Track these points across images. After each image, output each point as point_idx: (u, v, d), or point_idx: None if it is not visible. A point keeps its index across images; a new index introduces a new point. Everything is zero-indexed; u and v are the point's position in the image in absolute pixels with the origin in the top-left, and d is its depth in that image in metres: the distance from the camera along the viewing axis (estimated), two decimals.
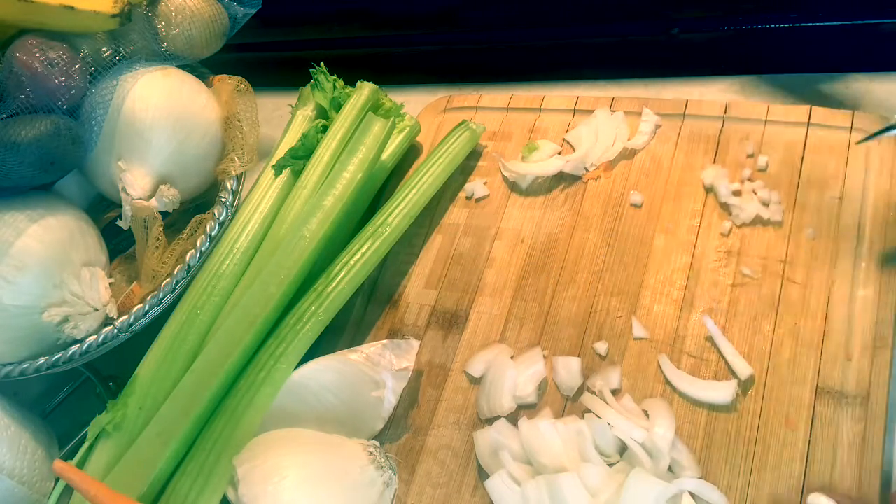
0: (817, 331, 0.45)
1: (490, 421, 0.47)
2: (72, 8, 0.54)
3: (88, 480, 0.41)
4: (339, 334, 0.55)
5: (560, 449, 0.43)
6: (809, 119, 0.52)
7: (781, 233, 0.49)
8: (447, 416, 0.49)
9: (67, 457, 0.56)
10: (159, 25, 0.60)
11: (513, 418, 0.47)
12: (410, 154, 0.63)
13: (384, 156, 0.60)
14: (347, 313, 0.56)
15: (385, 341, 0.51)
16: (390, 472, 0.44)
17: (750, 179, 0.51)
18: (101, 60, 0.58)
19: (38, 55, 0.53)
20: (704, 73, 0.60)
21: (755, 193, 0.50)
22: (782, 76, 0.57)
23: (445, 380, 0.51)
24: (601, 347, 0.48)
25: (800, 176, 0.50)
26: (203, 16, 0.61)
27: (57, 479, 0.53)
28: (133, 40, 0.60)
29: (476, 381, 0.50)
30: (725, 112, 0.54)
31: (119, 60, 0.58)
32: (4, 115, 0.52)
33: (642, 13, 0.64)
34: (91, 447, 0.51)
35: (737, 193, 0.50)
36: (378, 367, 0.49)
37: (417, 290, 0.56)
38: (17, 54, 0.53)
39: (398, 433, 0.50)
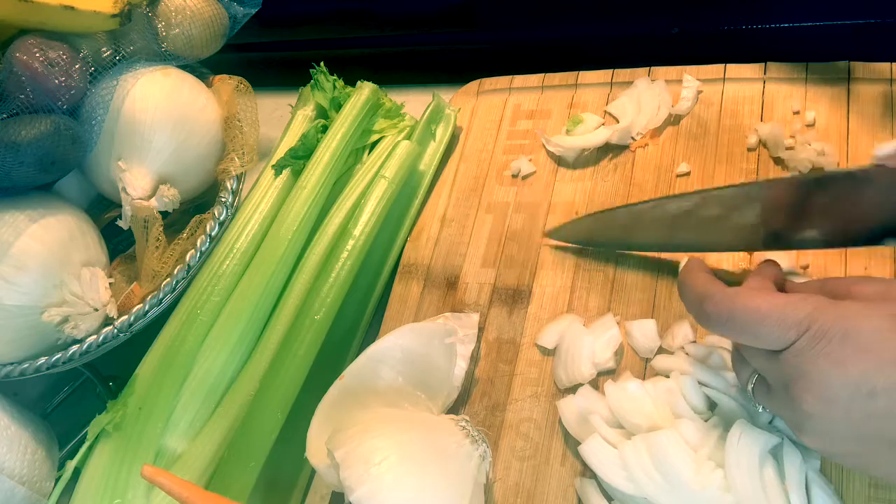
0: (888, 275, 0.45)
1: (571, 390, 0.47)
2: (72, 8, 0.54)
3: (179, 483, 0.40)
4: (397, 319, 0.56)
5: (651, 408, 0.43)
6: (850, 73, 0.52)
7: None
8: (524, 390, 0.49)
9: (67, 457, 0.56)
10: (159, 25, 0.60)
11: (593, 385, 0.47)
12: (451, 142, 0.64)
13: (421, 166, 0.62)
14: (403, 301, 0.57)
15: (447, 314, 0.52)
16: (484, 445, 0.44)
17: (800, 133, 0.51)
18: (101, 60, 0.58)
19: (38, 55, 0.53)
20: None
21: (809, 144, 0.50)
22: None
23: (517, 354, 0.51)
24: (676, 308, 0.48)
25: (848, 127, 0.51)
26: (203, 16, 0.61)
27: (57, 479, 0.53)
28: (133, 40, 0.60)
29: (549, 353, 0.50)
30: (765, 73, 0.55)
31: (119, 60, 0.58)
32: (4, 115, 0.52)
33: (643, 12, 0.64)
34: (91, 447, 0.51)
35: (790, 148, 0.51)
36: (444, 335, 0.50)
37: (475, 269, 0.56)
38: (17, 54, 0.53)
39: (475, 411, 0.50)
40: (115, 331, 0.54)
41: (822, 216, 0.42)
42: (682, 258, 0.49)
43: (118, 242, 0.61)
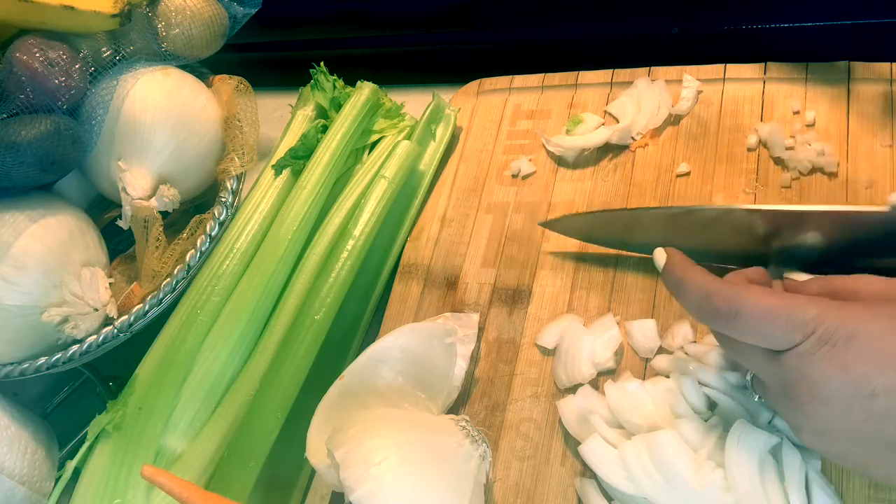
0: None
1: (571, 390, 0.47)
2: (72, 8, 0.54)
3: (179, 483, 0.40)
4: (397, 319, 0.56)
5: (651, 408, 0.43)
6: (850, 73, 0.52)
7: (838, 182, 0.49)
8: (524, 390, 0.49)
9: (67, 457, 0.56)
10: (159, 25, 0.60)
11: (593, 385, 0.47)
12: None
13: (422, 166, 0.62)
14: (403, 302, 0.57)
15: (447, 314, 0.52)
16: (484, 445, 0.44)
17: (800, 133, 0.52)
18: (101, 60, 0.58)
19: (38, 55, 0.53)
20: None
21: (809, 145, 0.50)
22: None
23: (517, 354, 0.51)
24: (676, 308, 0.48)
25: (848, 127, 0.51)
26: (203, 16, 0.61)
27: (57, 479, 0.53)
28: (133, 40, 0.60)
29: (549, 353, 0.50)
30: (765, 73, 0.55)
31: (119, 60, 0.58)
32: (4, 115, 0.52)
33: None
34: (91, 447, 0.51)
35: (790, 148, 0.51)
36: (444, 335, 0.50)
37: (475, 269, 0.56)
38: (17, 54, 0.53)
39: (475, 411, 0.50)
40: (115, 331, 0.54)
41: (821, 246, 0.42)
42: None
43: (118, 242, 0.61)
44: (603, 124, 0.58)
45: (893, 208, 0.39)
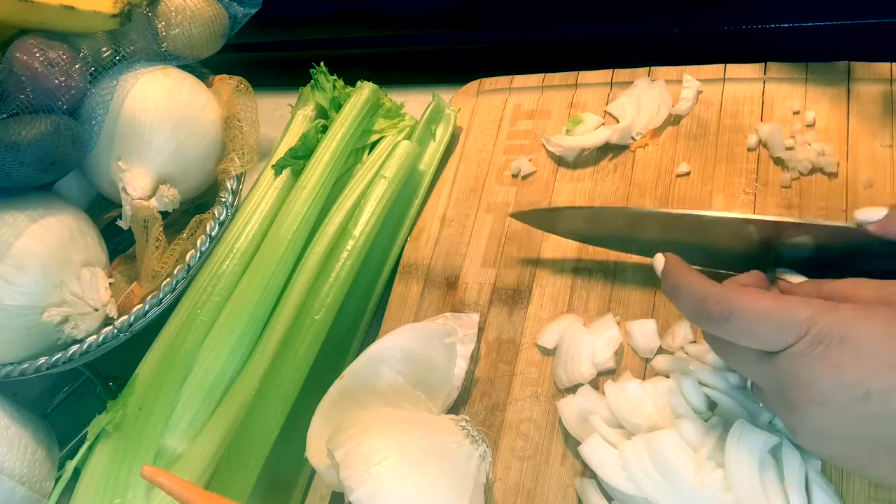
0: None
1: (571, 390, 0.47)
2: (72, 8, 0.54)
3: (179, 483, 0.40)
4: (397, 319, 0.56)
5: (651, 408, 0.43)
6: (850, 73, 0.52)
7: (838, 182, 0.49)
8: (524, 390, 0.49)
9: (67, 457, 0.56)
10: (159, 25, 0.60)
11: (593, 385, 0.47)
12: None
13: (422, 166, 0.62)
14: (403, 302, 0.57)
15: (447, 314, 0.52)
16: (484, 445, 0.44)
17: (800, 133, 0.52)
18: (101, 60, 0.58)
19: (38, 55, 0.53)
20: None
21: (809, 145, 0.50)
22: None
23: (517, 354, 0.51)
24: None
25: (848, 127, 0.51)
26: (203, 16, 0.61)
27: (57, 479, 0.53)
28: (133, 40, 0.60)
29: (549, 353, 0.50)
30: (765, 73, 0.55)
31: (119, 60, 0.58)
32: (4, 115, 0.52)
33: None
34: (91, 447, 0.51)
35: (790, 148, 0.51)
36: (444, 335, 0.50)
37: (475, 269, 0.56)
38: (17, 54, 0.53)
39: (475, 411, 0.50)
40: (115, 331, 0.54)
41: (805, 255, 0.42)
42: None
43: (118, 242, 0.62)
44: (603, 124, 0.58)
45: (859, 225, 0.39)
